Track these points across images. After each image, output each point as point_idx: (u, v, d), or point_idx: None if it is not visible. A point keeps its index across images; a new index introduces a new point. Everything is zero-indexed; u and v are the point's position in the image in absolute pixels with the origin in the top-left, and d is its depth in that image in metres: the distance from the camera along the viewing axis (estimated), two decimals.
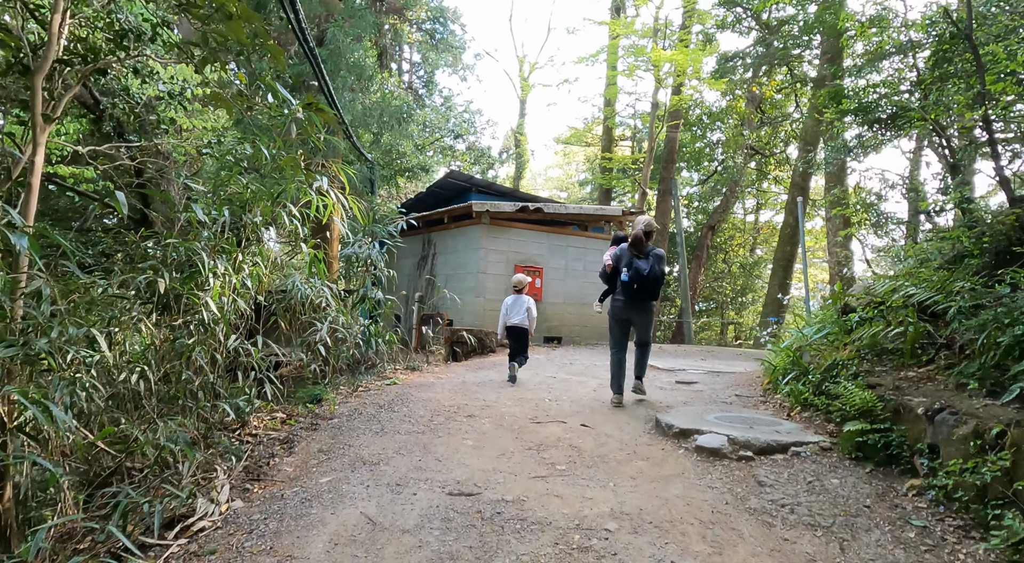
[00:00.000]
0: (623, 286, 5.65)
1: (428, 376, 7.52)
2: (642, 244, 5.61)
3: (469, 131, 25.16)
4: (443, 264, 13.09)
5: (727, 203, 22.61)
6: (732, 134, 21.30)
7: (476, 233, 11.86)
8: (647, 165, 19.53)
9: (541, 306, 12.31)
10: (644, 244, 5.62)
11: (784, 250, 18.52)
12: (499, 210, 11.71)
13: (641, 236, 5.62)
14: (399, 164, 17.02)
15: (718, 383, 7.14)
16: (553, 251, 12.56)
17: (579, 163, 41.22)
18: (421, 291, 13.68)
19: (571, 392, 6.51)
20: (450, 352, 9.51)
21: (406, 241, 14.81)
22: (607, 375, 7.58)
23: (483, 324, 11.51)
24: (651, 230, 5.77)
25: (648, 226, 5.74)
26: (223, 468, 3.61)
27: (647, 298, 5.62)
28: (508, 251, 12.01)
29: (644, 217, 5.90)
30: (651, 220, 5.86)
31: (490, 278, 11.78)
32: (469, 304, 11.76)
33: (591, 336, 12.99)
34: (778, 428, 4.55)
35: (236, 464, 3.79)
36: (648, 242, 5.66)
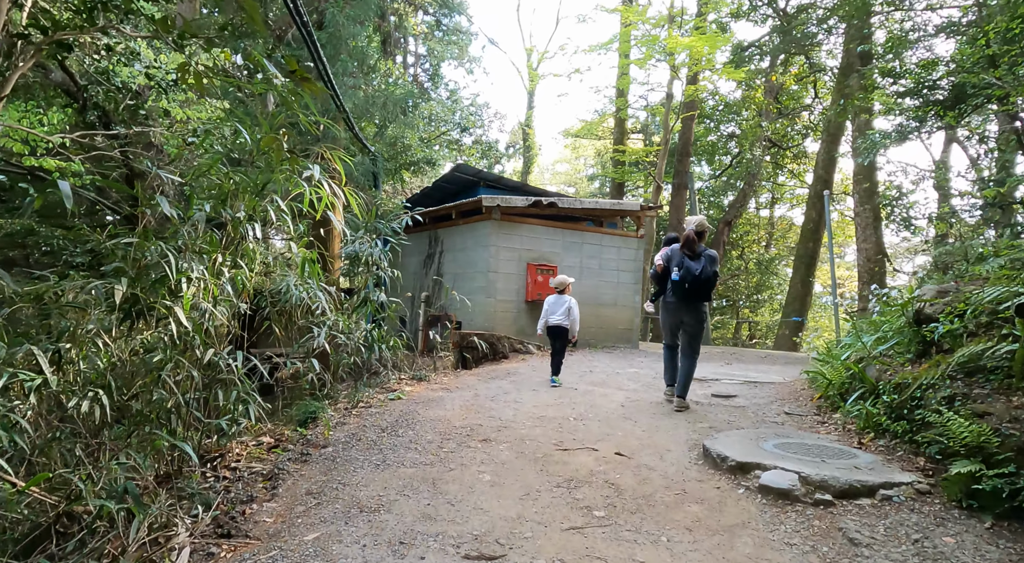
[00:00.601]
0: (674, 286, 5.61)
1: (436, 387, 6.81)
2: (694, 244, 5.56)
3: (476, 124, 24.42)
4: (451, 262, 12.38)
5: (745, 197, 21.78)
6: (750, 125, 20.46)
7: (486, 229, 11.14)
8: (662, 158, 18.74)
9: None
10: (696, 244, 5.57)
11: (807, 246, 17.73)
12: (510, 205, 10.99)
13: (693, 236, 5.58)
14: (404, 158, 16.31)
15: (759, 396, 6.40)
16: (567, 248, 11.82)
17: (588, 157, 40.38)
18: (427, 291, 12.98)
19: (596, 408, 5.79)
20: (459, 358, 8.81)
21: (411, 238, 14.11)
22: (631, 385, 6.94)
23: (494, 327, 10.81)
24: (703, 230, 5.69)
25: (700, 226, 5.67)
26: (185, 522, 2.91)
27: (698, 299, 5.57)
28: (520, 249, 11.29)
29: (696, 217, 5.83)
30: (703, 220, 5.75)
31: (501, 277, 11.06)
32: (479, 305, 11.05)
33: (608, 339, 12.25)
34: (854, 461, 3.82)
35: (204, 515, 3.09)
36: (700, 242, 5.60)
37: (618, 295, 12.36)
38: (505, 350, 8.97)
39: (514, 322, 11.13)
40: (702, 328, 5.72)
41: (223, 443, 4.61)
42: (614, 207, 12.23)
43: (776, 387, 7.00)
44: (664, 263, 5.82)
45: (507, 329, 10.95)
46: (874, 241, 13.94)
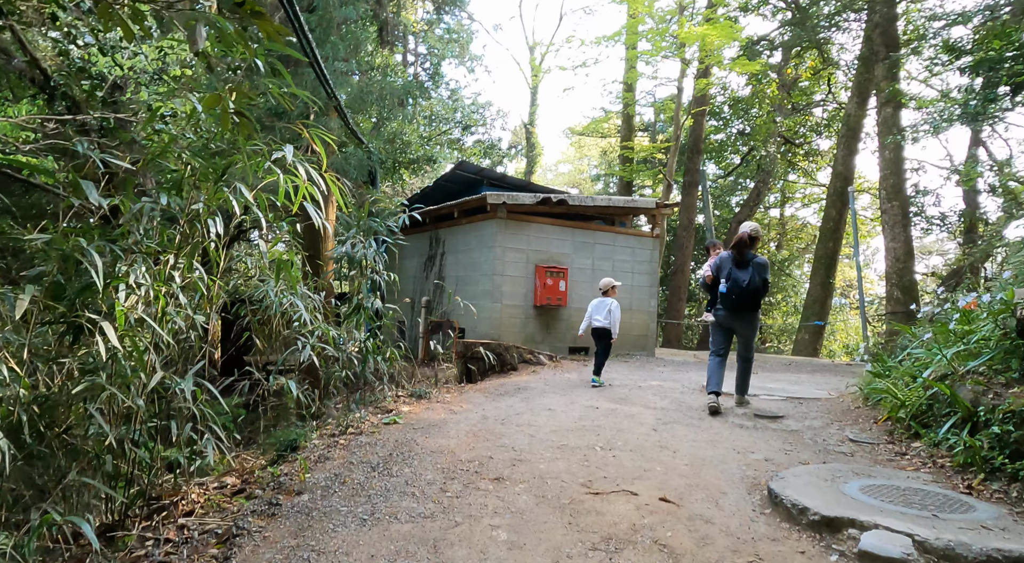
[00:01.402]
0: (722, 297, 5.53)
1: (438, 407, 5.98)
2: (744, 247, 5.42)
3: (478, 122, 23.63)
4: (453, 264, 11.57)
5: (758, 196, 20.95)
6: (764, 121, 19.63)
7: (491, 229, 10.32)
8: (673, 154, 17.92)
9: (565, 312, 10.77)
10: (747, 248, 5.43)
11: (826, 246, 16.88)
12: (517, 202, 10.17)
13: (746, 239, 5.44)
14: (403, 155, 15.51)
15: (810, 416, 5.57)
16: (578, 249, 11.00)
17: (592, 157, 39.59)
18: (428, 295, 12.17)
19: (625, 433, 4.95)
20: (463, 371, 7.99)
21: (411, 239, 13.31)
22: (658, 402, 6.17)
23: (500, 334, 9.98)
24: (757, 236, 5.54)
25: (755, 231, 5.53)
26: None
27: (747, 309, 5.51)
28: (528, 249, 10.47)
29: (749, 223, 5.67)
30: (757, 226, 5.62)
31: (507, 281, 10.24)
32: (484, 311, 10.22)
33: (623, 346, 11.41)
34: (975, 515, 2.99)
35: None
36: (752, 249, 5.47)
37: (633, 299, 11.53)
38: (514, 361, 8.14)
39: (522, 329, 10.31)
40: (754, 335, 5.80)
41: (179, 485, 3.79)
42: (628, 205, 11.41)
43: (824, 404, 6.16)
44: (713, 273, 5.71)
45: (514, 337, 10.13)
46: (903, 240, 13.10)
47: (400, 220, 7.12)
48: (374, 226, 6.98)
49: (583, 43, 19.21)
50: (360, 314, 6.91)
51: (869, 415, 5.42)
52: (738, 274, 5.39)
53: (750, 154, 24.07)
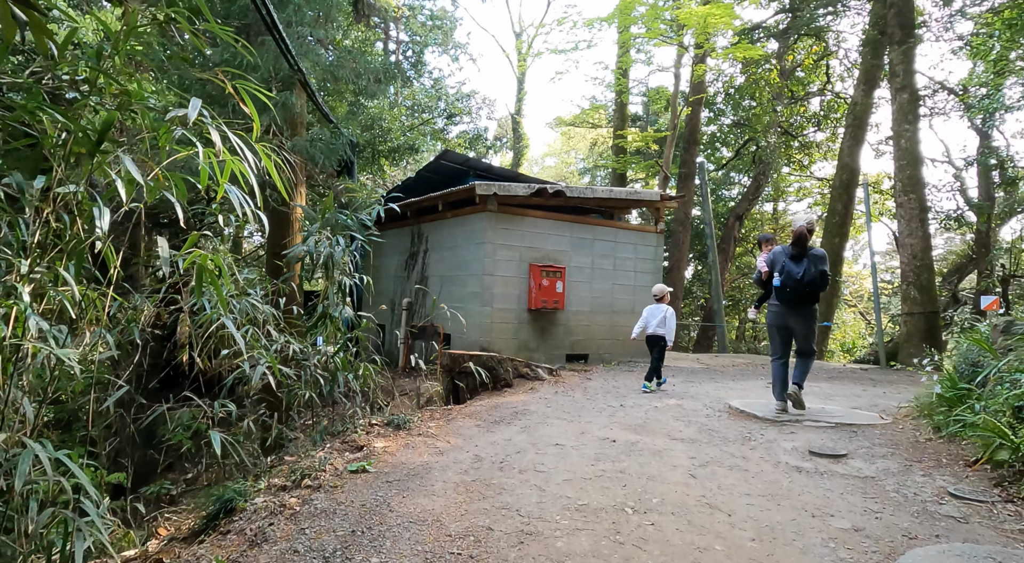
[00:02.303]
0: (776, 292, 5.42)
1: (419, 443, 4.86)
2: (805, 241, 5.28)
3: (463, 111, 22.43)
4: (437, 262, 10.43)
5: (757, 188, 20.05)
6: (764, 110, 18.70)
7: (480, 223, 9.20)
8: (669, 145, 16.90)
9: (563, 316, 9.70)
10: (807, 243, 5.29)
11: (832, 242, 15.98)
12: (509, 193, 9.06)
13: (806, 233, 5.29)
14: (383, 143, 14.30)
15: (876, 452, 4.55)
16: (576, 246, 9.93)
17: (579, 151, 38.53)
18: (410, 297, 11.03)
19: (658, 483, 3.89)
20: (450, 388, 6.89)
21: (390, 234, 12.14)
22: (684, 429, 5.33)
23: (490, 342, 8.88)
24: (812, 229, 5.45)
25: (810, 225, 5.41)
26: None
27: (804, 303, 5.37)
28: (521, 246, 9.37)
29: (805, 215, 5.49)
30: (813, 218, 5.51)
31: (499, 281, 9.13)
32: (472, 315, 9.12)
33: (624, 352, 10.38)
34: None
35: None
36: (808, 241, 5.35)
37: (636, 300, 10.49)
38: (508, 376, 7.05)
39: (515, 335, 9.22)
40: (812, 330, 5.55)
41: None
42: (631, 197, 10.36)
43: (884, 434, 5.15)
44: (768, 268, 5.56)
45: (506, 344, 9.04)
46: (920, 235, 12.21)
47: (374, 212, 5.96)
48: (342, 219, 5.81)
49: (575, 25, 18.06)
50: (326, 324, 5.77)
51: (951, 453, 4.42)
52: (792, 266, 5.26)
53: (746, 146, 23.19)
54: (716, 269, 16.52)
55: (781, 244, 5.56)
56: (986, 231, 14.13)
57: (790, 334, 5.59)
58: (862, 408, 6.64)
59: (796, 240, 5.26)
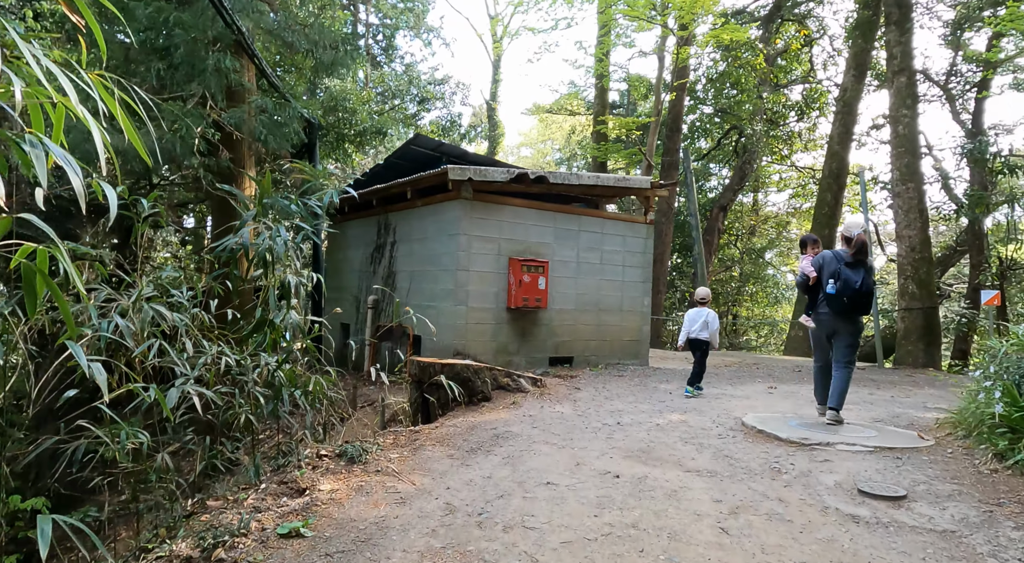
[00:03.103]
0: (829, 299, 5.14)
1: (376, 485, 3.89)
2: (867, 251, 5.12)
3: (435, 96, 21.28)
4: (406, 256, 9.42)
5: (742, 178, 19.38)
6: (749, 96, 18.00)
7: (454, 212, 8.22)
8: (653, 131, 16.07)
9: (546, 316, 8.79)
10: (867, 252, 5.14)
11: (821, 234, 15.36)
12: (486, 179, 8.09)
13: (867, 242, 5.14)
14: (347, 127, 13.15)
15: (939, 490, 3.73)
16: (561, 238, 9.01)
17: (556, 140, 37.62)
18: (376, 294, 10.00)
19: (682, 548, 3.00)
20: (418, 405, 5.93)
21: (354, 225, 11.09)
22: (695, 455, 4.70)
23: (465, 345, 7.94)
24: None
25: (863, 227, 5.30)
26: None
27: (858, 313, 5.12)
28: (499, 238, 8.41)
29: (857, 221, 5.43)
30: (864, 223, 5.70)
31: (475, 277, 8.18)
32: (445, 315, 8.16)
33: (613, 354, 9.53)
34: None
35: None
36: None
37: (624, 298, 9.64)
38: (486, 388, 6.10)
39: (492, 337, 8.29)
40: (858, 340, 5.33)
41: None
42: (619, 184, 9.46)
43: (935, 461, 4.35)
44: (816, 273, 5.26)
45: (483, 348, 8.10)
46: (919, 227, 11.60)
47: (326, 198, 4.92)
48: (284, 205, 4.77)
49: (554, 2, 17.05)
50: (265, 332, 4.75)
51: (1003, 482, 3.62)
52: (850, 275, 4.98)
53: (728, 135, 22.53)
54: (702, 262, 15.80)
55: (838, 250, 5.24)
56: (980, 222, 13.65)
57: (832, 341, 5.35)
58: (884, 420, 5.88)
59: (860, 249, 5.04)
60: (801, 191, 24.98)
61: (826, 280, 5.11)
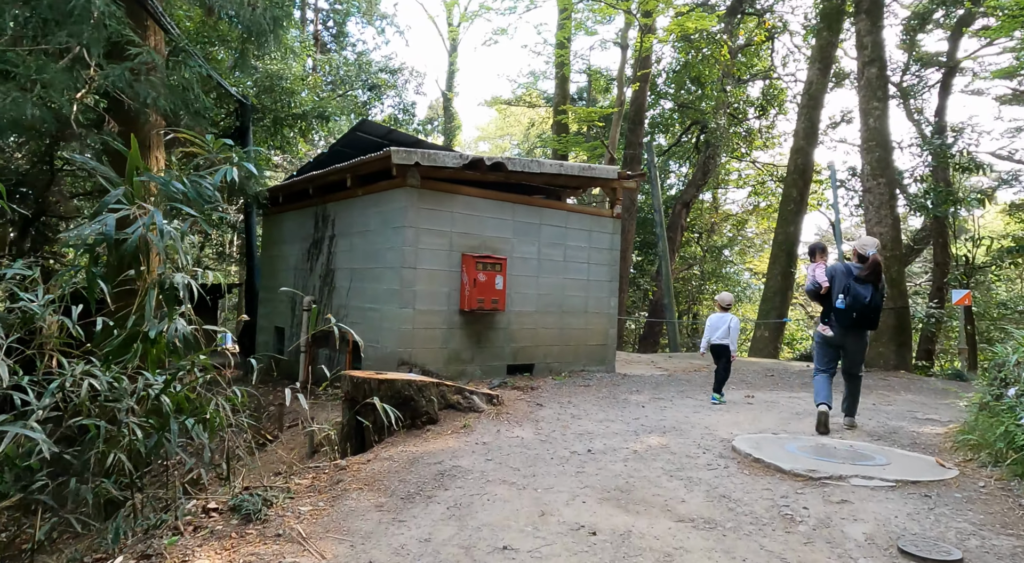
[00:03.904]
0: (838, 314, 5.10)
1: (271, 559, 2.89)
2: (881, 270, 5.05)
3: (388, 84, 20.06)
4: (346, 251, 8.35)
5: (705, 174, 18.90)
6: (713, 89, 17.50)
7: (399, 202, 7.22)
8: (616, 123, 15.36)
9: (503, 319, 7.89)
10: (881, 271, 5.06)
11: (787, 231, 14.98)
12: (436, 164, 7.11)
13: (879, 263, 5.06)
14: (285, 108, 11.92)
15: (998, 548, 2.97)
16: (520, 232, 8.11)
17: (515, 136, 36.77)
18: (313, 294, 8.90)
19: None
20: (351, 430, 4.93)
21: (290, 217, 9.94)
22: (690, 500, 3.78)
23: (412, 354, 6.96)
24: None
25: (878, 247, 5.27)
26: None
27: (866, 328, 5.12)
28: (451, 232, 7.45)
29: (873, 240, 5.31)
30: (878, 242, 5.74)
31: (423, 276, 7.19)
32: (389, 319, 7.16)
33: (577, 360, 8.69)
34: None
35: None
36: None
37: (589, 298, 8.81)
38: (432, 409, 5.13)
39: (443, 344, 7.33)
40: (865, 352, 5.42)
41: None
42: (584, 173, 8.61)
43: (970, 498, 3.62)
44: (828, 283, 5.26)
45: (433, 357, 7.13)
46: (890, 223, 11.19)
47: (218, 176, 3.84)
48: (162, 183, 3.67)
49: None
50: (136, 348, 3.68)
51: None
52: (859, 289, 4.98)
53: (690, 131, 22.08)
54: (667, 260, 15.18)
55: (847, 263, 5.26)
56: (945, 220, 13.43)
57: (839, 353, 5.38)
58: (883, 437, 5.23)
59: (874, 270, 5.01)
60: (760, 188, 24.81)
61: (836, 294, 5.13)
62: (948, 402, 7.83)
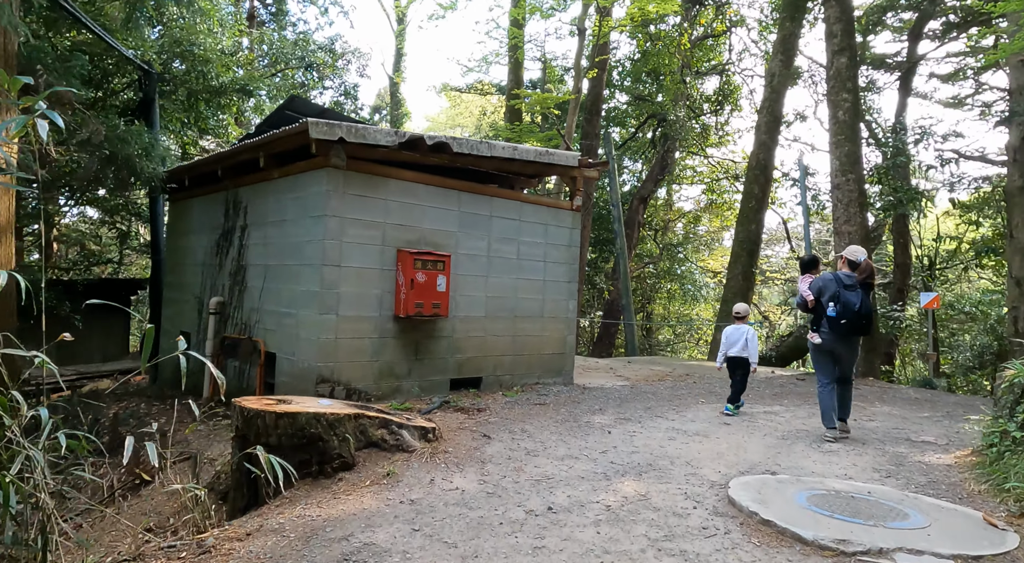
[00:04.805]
0: (830, 322, 5.17)
1: None
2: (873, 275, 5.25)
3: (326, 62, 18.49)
4: (260, 245, 7.03)
5: (663, 168, 18.20)
6: (673, 80, 16.79)
7: (319, 185, 5.99)
8: (572, 111, 14.42)
9: (447, 326, 6.77)
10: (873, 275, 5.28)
11: (748, 229, 14.39)
12: (366, 142, 5.91)
13: (871, 265, 5.27)
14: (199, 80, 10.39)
15: None
16: (468, 225, 6.99)
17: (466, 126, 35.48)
18: (221, 294, 7.57)
19: None
20: (240, 478, 3.73)
21: (198, 203, 8.54)
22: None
23: (336, 368, 5.77)
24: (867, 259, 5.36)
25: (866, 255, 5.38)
26: None
27: (858, 335, 5.22)
28: (385, 223, 6.27)
29: (857, 246, 5.58)
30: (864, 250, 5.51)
31: (350, 276, 5.99)
32: (306, 326, 5.93)
33: (530, 371, 7.66)
34: None
35: None
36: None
37: (546, 301, 7.79)
38: (347, 450, 3.96)
39: (374, 357, 6.15)
40: (856, 358, 5.54)
41: None
42: (541, 159, 7.53)
43: None
44: (815, 295, 5.28)
45: (361, 372, 5.96)
46: (859, 222, 10.64)
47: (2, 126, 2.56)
48: None
49: None
50: None
51: None
52: (849, 297, 5.06)
53: (646, 124, 21.40)
54: (624, 258, 14.36)
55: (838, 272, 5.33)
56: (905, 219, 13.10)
57: (835, 360, 5.36)
58: (892, 473, 4.45)
59: (871, 273, 5.20)
60: (714, 186, 24.44)
61: (827, 303, 5.16)
62: (928, 415, 7.27)
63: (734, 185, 23.59)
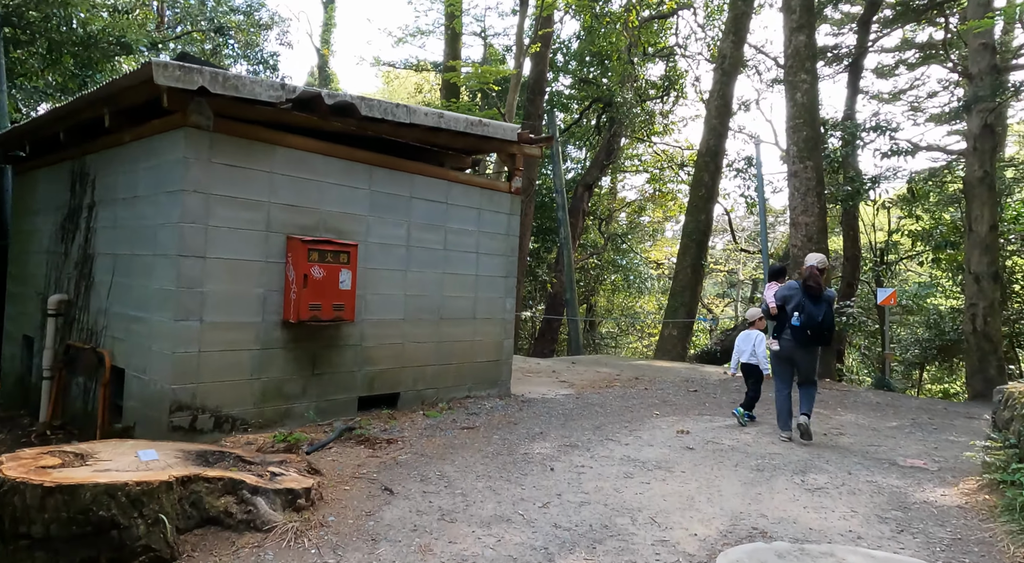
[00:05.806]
0: (793, 331, 5.25)
1: None
2: (820, 286, 5.19)
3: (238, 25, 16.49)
4: (109, 228, 5.48)
5: (609, 154, 17.27)
6: (621, 61, 15.82)
7: (175, 151, 4.54)
8: (514, 88, 13.19)
9: (354, 331, 5.45)
10: (821, 286, 5.21)
11: (698, 219, 13.62)
12: (241, 96, 4.49)
13: (818, 274, 5.23)
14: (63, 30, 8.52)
15: None
16: (381, 208, 5.68)
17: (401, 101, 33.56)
18: (65, 290, 5.98)
19: None
20: None
21: (43, 176, 6.86)
22: None
23: (198, 392, 4.40)
24: (824, 267, 5.40)
25: (822, 263, 5.37)
26: None
27: (817, 344, 5.29)
28: (271, 203, 4.88)
29: (817, 254, 5.53)
30: (823, 257, 5.51)
31: (219, 271, 4.59)
32: (160, 336, 4.51)
33: (459, 382, 6.45)
34: None
35: None
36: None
37: (478, 300, 6.58)
38: (160, 539, 2.61)
39: (255, 374, 4.79)
40: (816, 364, 5.56)
41: None
42: (474, 130, 6.25)
43: None
44: (778, 303, 5.38)
45: (237, 394, 4.60)
46: (816, 212, 9.96)
47: None
48: None
49: None
50: None
51: None
52: (813, 309, 5.11)
53: (591, 109, 20.44)
54: (568, 248, 13.32)
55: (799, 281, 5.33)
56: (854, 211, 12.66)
57: (794, 367, 5.45)
58: (904, 526, 3.51)
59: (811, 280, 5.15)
60: (659, 176, 23.84)
61: (791, 312, 5.21)
62: (896, 425, 6.63)
63: (678, 175, 23.07)
